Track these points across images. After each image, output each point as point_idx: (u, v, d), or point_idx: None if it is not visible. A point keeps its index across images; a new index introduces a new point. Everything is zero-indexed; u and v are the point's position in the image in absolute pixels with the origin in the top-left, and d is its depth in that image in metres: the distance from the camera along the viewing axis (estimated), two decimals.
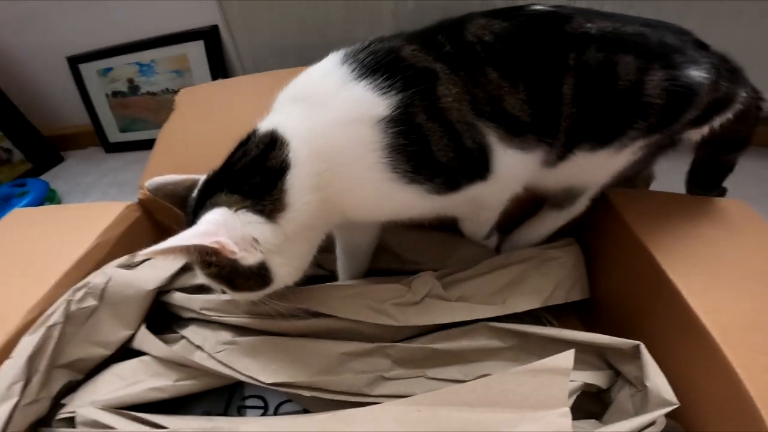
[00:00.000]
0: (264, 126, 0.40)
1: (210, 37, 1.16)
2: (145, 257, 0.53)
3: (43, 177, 1.29)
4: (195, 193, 0.40)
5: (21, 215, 0.69)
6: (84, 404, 0.44)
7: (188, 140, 0.72)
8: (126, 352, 0.50)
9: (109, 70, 1.28)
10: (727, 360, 0.34)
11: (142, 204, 0.65)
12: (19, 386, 0.41)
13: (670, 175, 0.55)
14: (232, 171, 0.39)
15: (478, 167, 0.39)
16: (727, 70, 0.42)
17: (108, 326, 0.48)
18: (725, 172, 0.52)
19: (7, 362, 0.43)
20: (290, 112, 0.39)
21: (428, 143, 0.37)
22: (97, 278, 0.49)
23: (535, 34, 0.39)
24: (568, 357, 0.34)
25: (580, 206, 0.50)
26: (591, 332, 0.43)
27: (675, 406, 0.35)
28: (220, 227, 0.34)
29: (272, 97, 0.42)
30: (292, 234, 0.37)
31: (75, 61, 1.28)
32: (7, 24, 1.23)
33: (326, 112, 0.37)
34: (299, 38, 1.03)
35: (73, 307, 0.47)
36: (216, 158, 0.41)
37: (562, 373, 0.33)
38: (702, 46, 0.41)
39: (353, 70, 0.38)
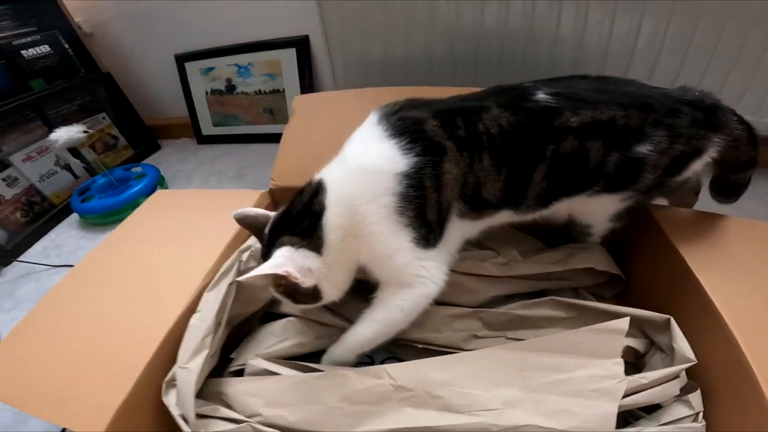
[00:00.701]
0: (317, 176, 0.50)
1: (301, 46, 1.27)
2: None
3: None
4: (267, 230, 0.50)
5: (165, 196, 0.81)
6: (250, 357, 0.53)
7: (307, 140, 0.81)
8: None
9: (211, 69, 1.40)
10: (733, 337, 0.43)
11: (271, 193, 0.74)
12: (209, 339, 0.49)
13: None
14: (291, 215, 0.49)
15: (436, 230, 0.49)
16: (698, 125, 0.49)
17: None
18: (739, 188, 0.58)
19: (195, 315, 0.50)
20: (336, 164, 0.50)
21: (426, 202, 0.46)
22: (257, 243, 0.57)
23: (529, 129, 0.48)
24: (624, 321, 0.45)
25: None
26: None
27: (694, 363, 0.45)
28: (287, 261, 0.44)
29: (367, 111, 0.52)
30: (332, 263, 0.47)
31: (182, 59, 1.41)
32: (119, 19, 1.37)
33: (357, 160, 0.48)
34: (386, 54, 1.12)
35: (242, 267, 0.55)
36: (329, 158, 0.52)
37: (618, 332, 0.45)
38: (682, 106, 0.49)
39: (386, 130, 0.48)
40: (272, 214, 0.52)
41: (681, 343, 0.47)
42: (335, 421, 0.45)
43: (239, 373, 0.54)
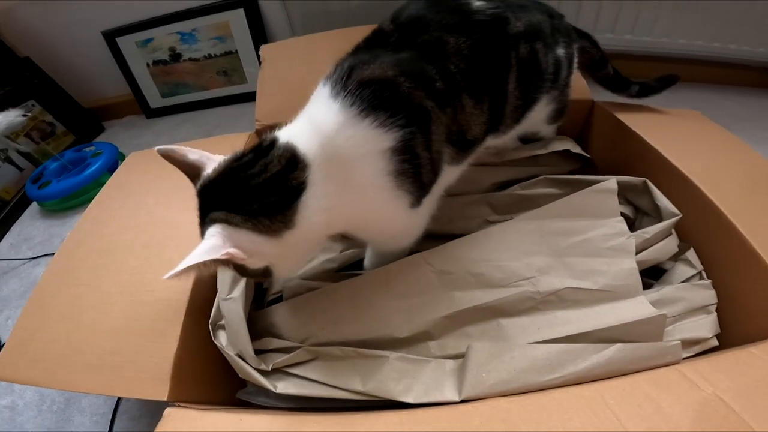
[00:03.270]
0: (284, 140, 0.39)
1: (249, 5, 1.20)
2: None
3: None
4: (197, 193, 0.39)
5: (142, 155, 0.73)
6: (282, 283, 0.50)
7: (284, 82, 0.78)
8: None
9: (149, 40, 1.28)
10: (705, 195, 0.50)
11: (259, 134, 0.71)
12: None
13: None
14: (246, 184, 0.37)
15: (431, 185, 0.45)
16: (568, 36, 0.55)
17: None
18: (614, 81, 0.67)
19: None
20: (309, 136, 0.39)
21: (421, 167, 0.41)
22: None
23: (491, 45, 0.45)
24: (612, 181, 0.51)
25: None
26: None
27: (680, 216, 0.50)
28: (226, 240, 0.35)
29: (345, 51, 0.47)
30: (293, 245, 0.38)
31: (111, 35, 1.27)
32: (25, 4, 1.21)
33: (338, 142, 0.38)
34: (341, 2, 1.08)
35: None
36: (306, 96, 0.43)
37: (611, 191, 0.50)
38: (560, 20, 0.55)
39: (352, 104, 0.38)
40: (204, 156, 0.40)
41: (662, 200, 0.53)
42: (390, 321, 0.44)
43: (277, 302, 0.51)
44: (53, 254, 0.54)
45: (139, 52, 1.29)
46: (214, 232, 0.35)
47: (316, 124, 0.40)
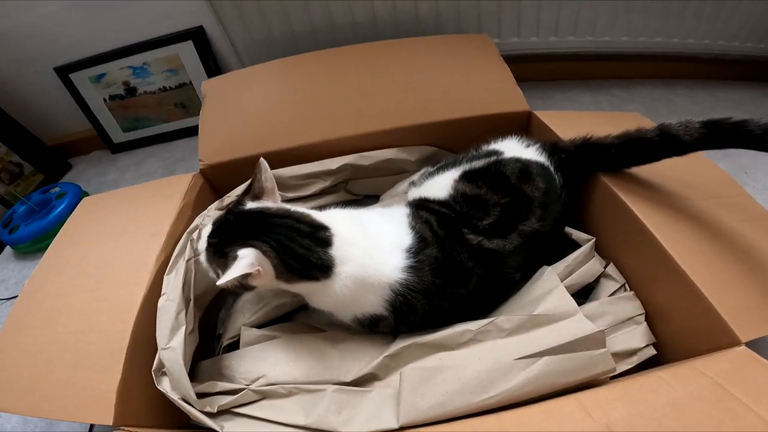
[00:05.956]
0: (337, 245, 0.46)
1: (197, 36, 1.22)
2: (232, 199, 0.64)
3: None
4: (251, 211, 0.47)
5: (94, 201, 0.77)
6: (238, 328, 0.54)
7: (225, 119, 0.82)
8: None
9: (102, 75, 1.30)
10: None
11: (203, 173, 0.75)
12: (183, 315, 0.48)
13: None
14: (291, 243, 0.44)
15: None
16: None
17: None
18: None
19: (162, 298, 0.50)
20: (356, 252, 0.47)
21: None
22: (204, 220, 0.59)
23: None
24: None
25: None
26: None
27: (592, 239, 0.54)
28: (256, 261, 0.43)
29: (287, 81, 0.52)
30: (288, 286, 0.47)
31: (64, 71, 1.28)
32: None
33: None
34: (286, 29, 1.11)
35: (195, 245, 0.56)
36: (250, 130, 0.51)
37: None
38: None
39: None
40: (270, 190, 0.50)
41: (575, 233, 0.56)
42: (338, 366, 0.46)
43: (230, 349, 0.54)
44: None
45: (93, 87, 1.31)
46: (250, 253, 0.42)
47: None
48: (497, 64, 0.84)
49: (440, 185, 0.56)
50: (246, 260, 0.41)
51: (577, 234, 0.57)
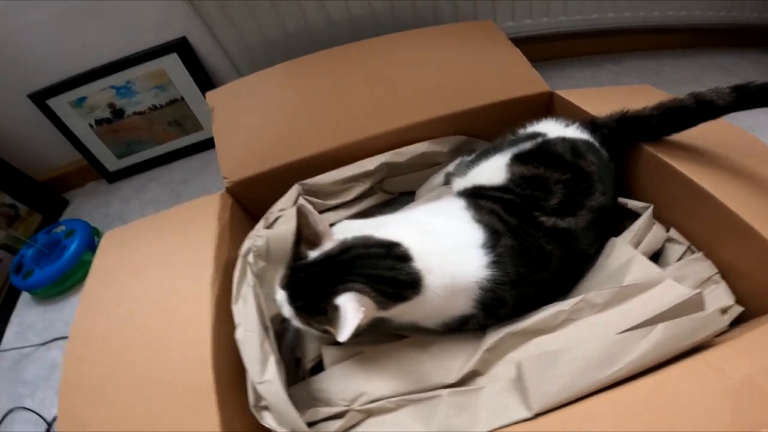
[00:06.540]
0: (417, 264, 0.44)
1: (181, 48, 1.16)
2: (276, 215, 0.61)
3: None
4: (321, 258, 0.44)
5: (118, 235, 0.73)
6: (315, 350, 0.51)
7: (241, 129, 0.78)
8: None
9: (83, 99, 1.20)
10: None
11: (230, 191, 0.72)
12: (267, 344, 0.45)
13: None
14: (374, 271, 0.43)
15: None
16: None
17: None
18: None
19: (239, 330, 0.46)
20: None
21: None
22: (257, 242, 0.55)
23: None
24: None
25: None
26: None
27: (651, 206, 0.54)
28: (359, 303, 0.41)
29: (298, 85, 0.48)
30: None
31: (40, 98, 1.18)
32: None
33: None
34: (281, 31, 1.07)
35: (255, 269, 0.53)
36: (271, 140, 0.47)
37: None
38: None
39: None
40: (327, 230, 0.47)
41: (630, 203, 0.56)
42: (438, 370, 0.45)
43: (314, 371, 0.51)
44: (63, 338, 0.54)
45: (76, 113, 1.21)
46: (351, 297, 0.40)
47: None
48: (509, 49, 0.83)
49: (491, 171, 0.55)
50: (351, 305, 0.39)
51: (632, 203, 0.57)
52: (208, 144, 1.31)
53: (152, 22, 1.11)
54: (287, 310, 0.46)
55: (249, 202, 0.75)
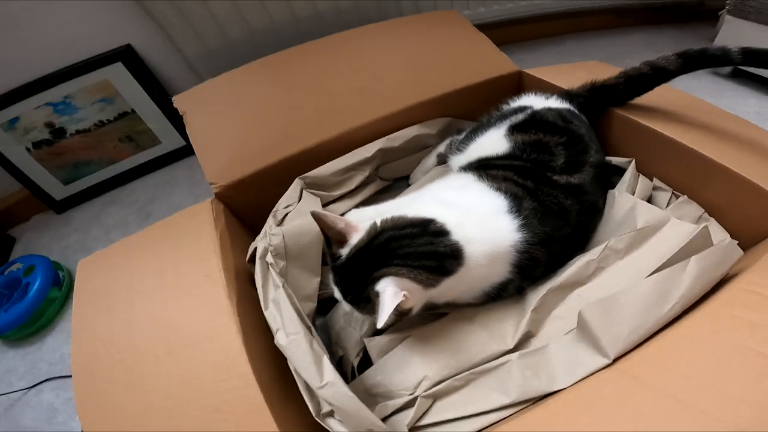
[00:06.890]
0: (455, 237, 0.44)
1: (126, 56, 1.07)
2: (282, 212, 0.59)
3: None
4: (354, 253, 0.43)
5: (94, 261, 0.65)
6: (356, 343, 0.50)
7: (220, 134, 0.74)
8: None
9: (15, 120, 1.07)
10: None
11: (219, 197, 0.68)
12: (317, 345, 0.42)
13: None
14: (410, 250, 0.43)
15: None
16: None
17: (303, 280, 0.52)
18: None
19: (279, 335, 0.44)
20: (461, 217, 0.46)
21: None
22: (272, 240, 0.52)
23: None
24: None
25: None
26: None
27: (632, 160, 0.59)
28: (398, 286, 0.41)
29: (273, 82, 0.47)
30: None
31: None
32: None
33: None
34: (244, 30, 1.03)
35: (277, 269, 0.50)
36: (254, 140, 0.44)
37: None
38: None
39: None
40: (348, 225, 0.45)
41: (615, 159, 0.60)
42: (492, 338, 0.44)
43: (362, 365, 0.50)
44: (52, 379, 0.48)
45: (8, 136, 1.07)
46: (388, 282, 0.40)
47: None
48: (475, 35, 0.87)
49: (492, 143, 0.57)
50: (389, 290, 0.39)
51: (616, 159, 0.62)
52: (170, 158, 1.23)
53: (90, 28, 1.02)
54: (345, 306, 0.46)
55: (239, 207, 0.71)
